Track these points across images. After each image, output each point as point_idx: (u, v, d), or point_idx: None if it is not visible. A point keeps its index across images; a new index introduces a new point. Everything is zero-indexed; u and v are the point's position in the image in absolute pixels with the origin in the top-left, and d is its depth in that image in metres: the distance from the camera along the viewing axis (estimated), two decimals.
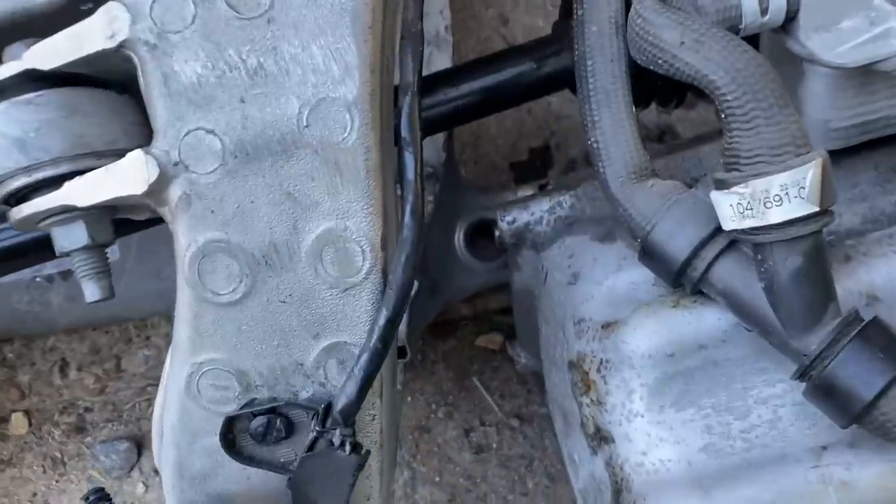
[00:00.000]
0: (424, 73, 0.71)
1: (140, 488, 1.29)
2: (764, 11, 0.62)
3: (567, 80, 0.77)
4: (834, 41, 0.62)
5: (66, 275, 1.13)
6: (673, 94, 0.78)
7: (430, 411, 1.31)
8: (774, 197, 0.52)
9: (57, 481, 1.29)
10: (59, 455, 1.30)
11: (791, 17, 0.62)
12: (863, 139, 0.71)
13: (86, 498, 0.69)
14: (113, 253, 1.12)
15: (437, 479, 1.28)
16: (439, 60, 1.07)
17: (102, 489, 0.68)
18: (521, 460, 1.29)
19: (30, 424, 1.31)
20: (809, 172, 0.52)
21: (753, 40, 0.72)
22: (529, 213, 0.81)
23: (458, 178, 1.20)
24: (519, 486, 1.27)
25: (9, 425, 1.31)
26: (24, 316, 1.17)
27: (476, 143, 1.31)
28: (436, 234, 1.07)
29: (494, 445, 1.29)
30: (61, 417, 1.32)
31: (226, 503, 0.61)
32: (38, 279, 1.12)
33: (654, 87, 0.75)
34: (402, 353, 0.88)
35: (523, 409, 1.32)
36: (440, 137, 1.04)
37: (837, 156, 0.72)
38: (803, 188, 0.52)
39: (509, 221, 0.82)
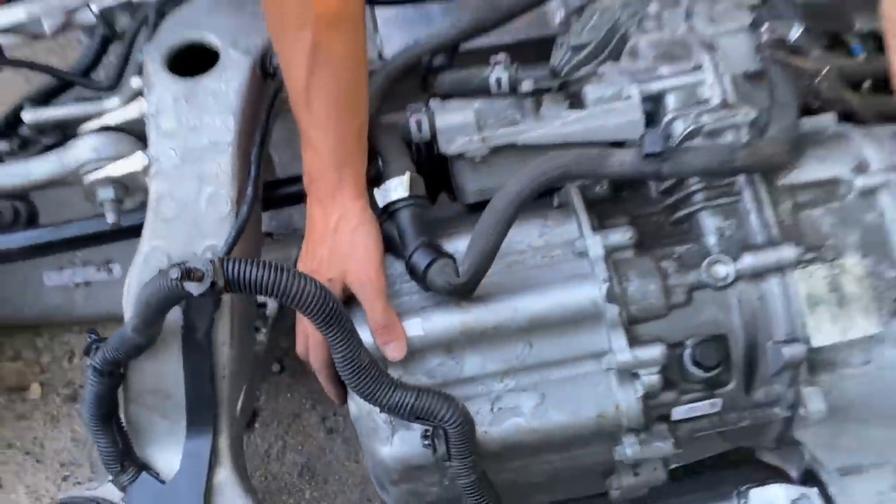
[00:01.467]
0: None
1: None
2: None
3: None
4: (449, 141, 1.40)
5: (88, 283, 1.84)
6: None
7: (301, 404, 1.93)
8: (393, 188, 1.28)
9: (52, 430, 1.93)
10: (56, 414, 1.93)
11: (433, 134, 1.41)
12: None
13: (87, 350, 1.34)
14: (117, 270, 1.86)
15: (300, 448, 1.88)
16: None
17: (95, 331, 1.36)
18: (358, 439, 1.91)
19: (42, 392, 1.97)
20: (405, 177, 1.28)
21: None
22: None
23: None
24: (353, 455, 1.86)
25: (28, 391, 1.90)
26: (55, 310, 1.83)
27: None
28: None
29: (341, 428, 1.88)
30: (63, 390, 1.90)
31: None
32: (71, 284, 1.83)
33: None
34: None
35: None
36: None
37: (477, 207, 1.48)
38: (402, 185, 1.28)
39: None
